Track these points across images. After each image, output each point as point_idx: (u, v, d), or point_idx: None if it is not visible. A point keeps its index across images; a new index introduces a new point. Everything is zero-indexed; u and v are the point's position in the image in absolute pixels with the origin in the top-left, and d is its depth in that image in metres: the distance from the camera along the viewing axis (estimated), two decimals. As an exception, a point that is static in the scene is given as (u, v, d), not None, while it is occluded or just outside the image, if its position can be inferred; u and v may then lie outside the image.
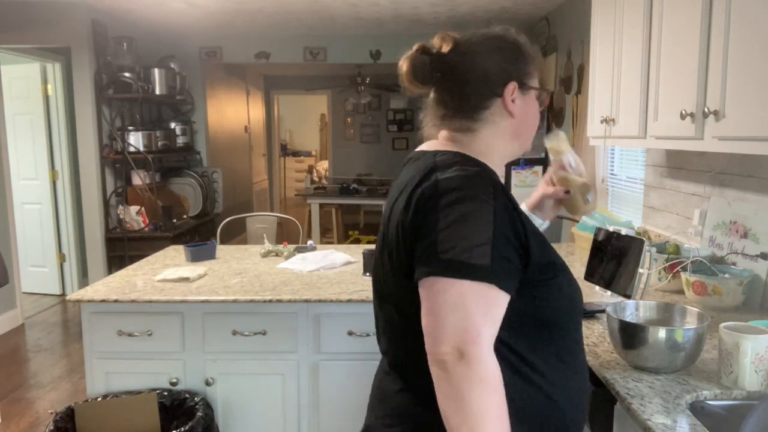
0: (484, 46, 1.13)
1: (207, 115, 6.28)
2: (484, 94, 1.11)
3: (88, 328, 2.18)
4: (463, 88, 1.12)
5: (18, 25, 4.55)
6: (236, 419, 2.22)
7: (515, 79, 1.11)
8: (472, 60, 1.11)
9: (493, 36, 1.15)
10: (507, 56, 1.13)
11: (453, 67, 1.11)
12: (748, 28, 1.40)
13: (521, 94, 1.13)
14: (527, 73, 1.14)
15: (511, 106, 1.12)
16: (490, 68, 1.11)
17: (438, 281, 0.93)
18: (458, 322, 0.90)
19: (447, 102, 1.14)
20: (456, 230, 0.94)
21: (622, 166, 3.43)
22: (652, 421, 1.15)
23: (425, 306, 0.94)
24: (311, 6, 4.68)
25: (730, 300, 1.81)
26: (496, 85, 1.11)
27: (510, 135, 1.15)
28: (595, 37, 2.47)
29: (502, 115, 1.12)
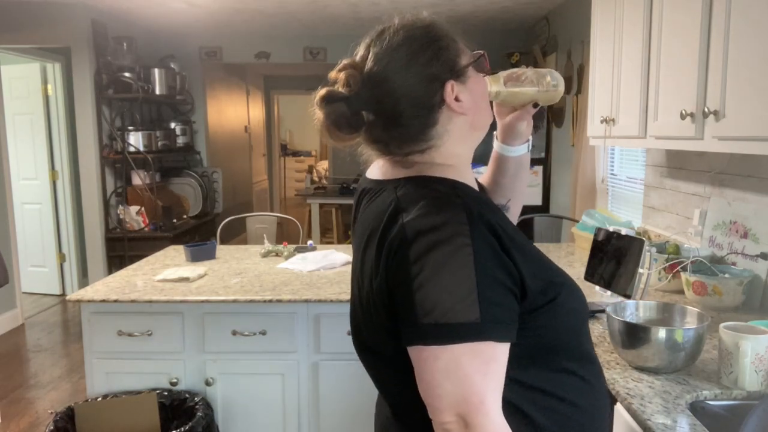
0: (396, 62, 0.95)
1: (207, 115, 6.28)
2: (423, 114, 0.95)
3: (88, 328, 2.18)
4: (398, 121, 0.94)
5: (18, 25, 4.55)
6: (236, 419, 2.22)
7: (450, 77, 0.95)
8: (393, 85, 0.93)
9: (398, 45, 0.97)
10: (426, 58, 0.95)
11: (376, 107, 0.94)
12: (748, 28, 1.40)
13: (460, 84, 0.97)
14: (454, 59, 0.97)
15: (457, 107, 0.96)
16: (417, 85, 0.94)
17: (425, 350, 0.81)
18: (457, 390, 0.79)
19: (386, 141, 0.97)
20: (433, 287, 0.81)
21: (622, 166, 3.43)
22: (652, 421, 1.15)
23: (418, 374, 0.84)
24: (311, 6, 4.68)
25: (730, 300, 1.81)
26: (431, 97, 0.94)
27: (467, 131, 1.00)
28: (595, 37, 2.47)
29: (451, 119, 0.97)
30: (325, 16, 5.08)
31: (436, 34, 0.98)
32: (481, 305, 0.80)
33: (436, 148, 0.97)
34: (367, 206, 1.00)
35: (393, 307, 0.87)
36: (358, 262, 0.98)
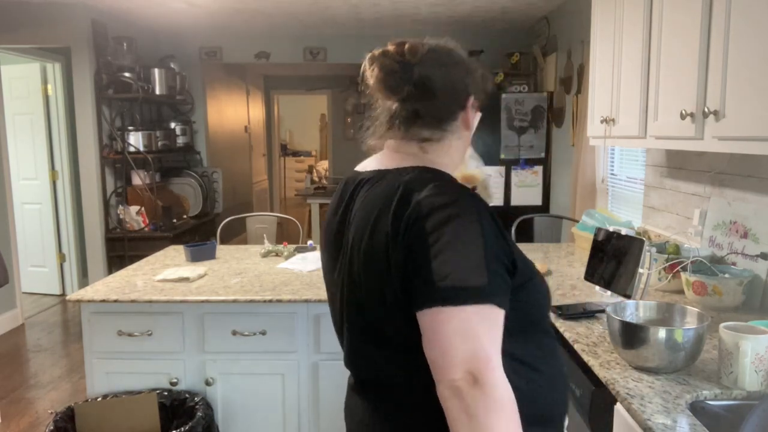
0: (449, 58, 1.12)
1: (207, 115, 6.28)
2: (453, 106, 1.12)
3: (88, 328, 2.18)
4: (434, 99, 1.09)
5: (18, 25, 4.55)
6: (236, 419, 2.22)
7: (472, 93, 1.13)
8: (441, 71, 1.10)
9: (450, 50, 1.14)
10: (464, 70, 1.13)
11: (426, 78, 1.08)
12: (748, 28, 1.40)
13: (474, 110, 1.15)
14: (479, 88, 1.15)
15: (471, 119, 1.14)
16: (456, 81, 1.11)
17: (441, 311, 0.90)
18: (468, 348, 0.88)
19: (418, 112, 1.09)
20: (449, 255, 0.92)
21: (622, 166, 3.43)
22: (652, 421, 1.15)
23: (429, 336, 0.92)
24: (311, 6, 4.68)
25: (730, 300, 1.81)
26: (460, 98, 1.12)
27: (464, 146, 1.17)
28: (595, 37, 2.47)
29: (460, 129, 1.13)
30: (326, 17, 5.08)
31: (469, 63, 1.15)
32: (489, 274, 0.92)
33: (445, 144, 1.11)
34: (369, 192, 1.08)
35: (406, 277, 0.95)
36: (362, 244, 1.04)
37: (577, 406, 1.56)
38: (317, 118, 11.58)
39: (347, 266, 1.08)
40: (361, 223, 1.05)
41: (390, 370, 1.06)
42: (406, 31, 5.75)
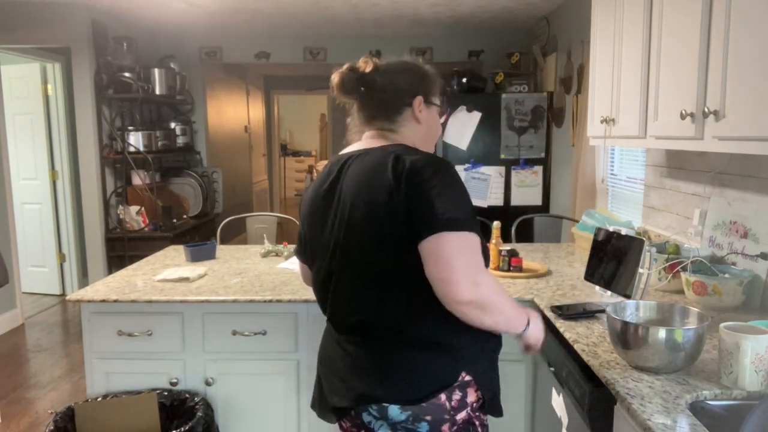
0: (398, 67, 1.48)
1: (207, 115, 6.28)
2: (398, 103, 1.44)
3: (88, 328, 2.18)
4: (382, 97, 1.45)
5: (18, 25, 4.55)
6: (236, 419, 2.22)
7: (421, 94, 1.45)
8: (389, 77, 1.45)
9: (404, 61, 1.50)
10: (415, 77, 1.47)
11: (374, 82, 1.44)
12: (748, 28, 1.40)
13: (426, 107, 1.46)
14: (431, 92, 1.48)
15: (418, 115, 1.45)
16: (402, 84, 1.45)
17: (443, 235, 1.22)
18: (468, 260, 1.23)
19: (369, 108, 1.46)
20: (446, 195, 1.25)
21: (622, 166, 3.43)
22: (652, 421, 1.15)
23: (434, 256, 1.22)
24: (311, 6, 4.68)
25: (730, 300, 1.81)
26: (407, 97, 1.45)
27: (420, 138, 1.47)
28: (595, 37, 2.47)
29: (411, 122, 1.46)
30: (326, 17, 5.08)
31: (429, 73, 1.50)
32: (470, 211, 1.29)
33: (400, 133, 1.45)
34: (359, 163, 1.37)
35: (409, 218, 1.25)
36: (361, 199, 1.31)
37: (577, 406, 1.56)
38: (317, 118, 11.58)
39: (343, 224, 1.34)
40: (358, 185, 1.33)
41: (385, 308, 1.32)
42: (405, 31, 5.76)
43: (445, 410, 1.30)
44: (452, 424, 1.30)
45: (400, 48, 5.90)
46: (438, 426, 1.29)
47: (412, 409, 1.29)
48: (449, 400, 1.30)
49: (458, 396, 1.31)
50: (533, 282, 2.27)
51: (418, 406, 1.29)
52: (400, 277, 1.29)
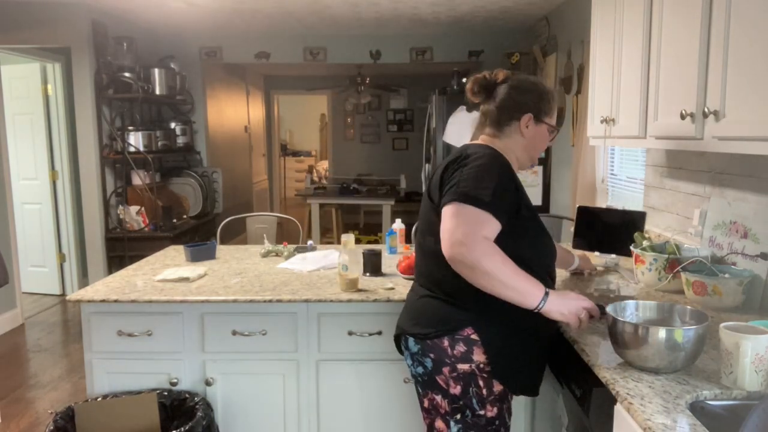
0: (521, 83, 1.70)
1: (207, 115, 6.28)
2: (508, 116, 1.69)
3: (88, 328, 2.18)
4: (500, 106, 1.70)
5: (18, 25, 4.55)
6: (236, 419, 2.22)
7: (532, 112, 1.67)
8: (510, 91, 1.69)
9: (528, 80, 1.73)
10: (532, 96, 1.68)
11: (497, 92, 1.71)
12: (748, 28, 1.40)
13: (534, 124, 1.68)
14: (544, 112, 1.69)
15: (523, 130, 1.68)
16: (518, 100, 1.68)
17: (454, 204, 1.49)
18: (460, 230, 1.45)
19: (487, 113, 1.72)
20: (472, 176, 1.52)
21: (622, 166, 3.43)
22: (652, 421, 1.15)
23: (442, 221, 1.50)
24: (311, 6, 4.68)
25: (730, 300, 1.81)
26: (517, 112, 1.68)
27: (520, 148, 1.71)
28: (595, 37, 2.47)
29: (516, 133, 1.69)
30: (325, 16, 5.08)
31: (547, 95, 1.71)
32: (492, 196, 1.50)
33: (501, 140, 1.70)
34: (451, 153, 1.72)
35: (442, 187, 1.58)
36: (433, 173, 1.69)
37: (577, 406, 1.56)
38: (317, 118, 11.58)
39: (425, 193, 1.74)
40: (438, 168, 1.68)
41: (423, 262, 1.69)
42: (405, 31, 5.75)
43: (447, 354, 1.56)
44: (452, 370, 1.57)
45: (400, 48, 5.90)
46: (439, 366, 1.58)
47: (421, 343, 1.60)
48: (451, 348, 1.56)
49: (462, 348, 1.55)
50: (533, 282, 2.27)
51: (425, 342, 1.59)
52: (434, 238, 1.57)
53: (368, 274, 2.40)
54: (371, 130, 9.30)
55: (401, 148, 9.22)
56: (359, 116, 9.28)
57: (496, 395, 1.59)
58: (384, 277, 2.37)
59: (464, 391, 1.58)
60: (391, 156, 9.20)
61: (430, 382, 1.62)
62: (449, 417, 1.61)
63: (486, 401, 1.58)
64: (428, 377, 1.62)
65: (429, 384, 1.63)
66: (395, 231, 2.86)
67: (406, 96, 9.06)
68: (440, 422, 1.64)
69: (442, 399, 1.61)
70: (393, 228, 2.89)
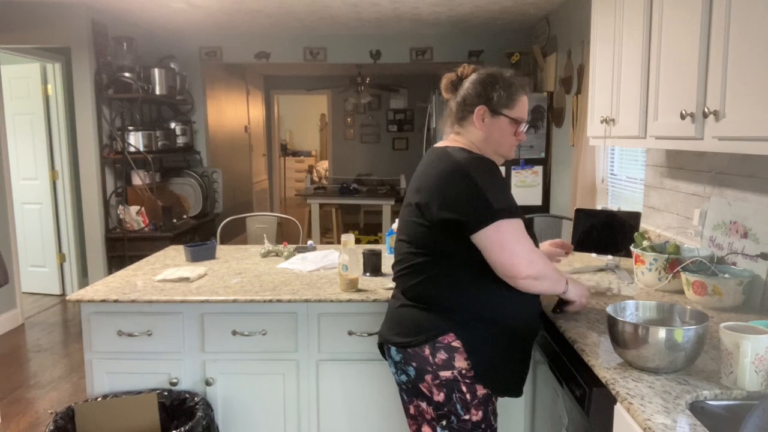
0: (480, 75, 1.67)
1: (207, 115, 6.28)
2: (466, 110, 1.67)
3: (88, 328, 2.18)
4: (460, 101, 1.69)
5: (18, 25, 4.55)
6: (236, 419, 2.22)
7: (484, 104, 1.64)
8: (468, 84, 1.68)
9: (488, 71, 1.68)
10: (486, 87, 1.64)
11: (461, 87, 1.69)
12: (748, 28, 1.40)
13: (491, 116, 1.64)
14: (500, 102, 1.63)
15: (478, 123, 1.65)
16: (472, 93, 1.66)
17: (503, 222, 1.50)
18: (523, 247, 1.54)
19: (451, 110, 1.72)
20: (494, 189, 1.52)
21: (622, 166, 3.43)
22: (652, 421, 1.15)
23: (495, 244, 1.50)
24: (311, 6, 4.68)
25: (730, 300, 1.81)
26: (471, 105, 1.66)
27: (481, 143, 1.66)
28: (595, 37, 2.47)
29: (473, 127, 1.66)
30: (325, 16, 5.08)
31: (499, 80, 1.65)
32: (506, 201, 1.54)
33: (465, 135, 1.68)
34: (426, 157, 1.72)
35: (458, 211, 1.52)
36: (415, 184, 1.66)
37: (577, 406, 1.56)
38: (317, 118, 11.58)
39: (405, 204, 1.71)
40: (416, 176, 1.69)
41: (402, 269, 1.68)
42: (405, 31, 5.75)
43: (428, 363, 1.56)
44: (434, 377, 1.57)
45: (400, 48, 5.90)
46: (422, 374, 1.58)
47: (403, 352, 1.60)
48: (432, 356, 1.56)
49: (443, 356, 1.55)
50: (533, 282, 2.27)
51: (406, 351, 1.59)
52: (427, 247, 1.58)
53: (368, 274, 2.40)
54: (371, 130, 9.31)
55: (401, 148, 9.22)
56: (359, 116, 9.28)
57: (480, 399, 1.59)
58: (384, 277, 2.37)
59: (448, 398, 1.58)
60: (391, 156, 9.20)
61: (414, 389, 1.63)
62: (435, 423, 1.62)
63: (470, 406, 1.58)
64: (412, 385, 1.63)
65: (413, 391, 1.64)
66: (395, 231, 2.86)
67: (406, 96, 9.06)
68: (427, 428, 1.65)
69: (427, 406, 1.62)
70: (393, 228, 2.88)
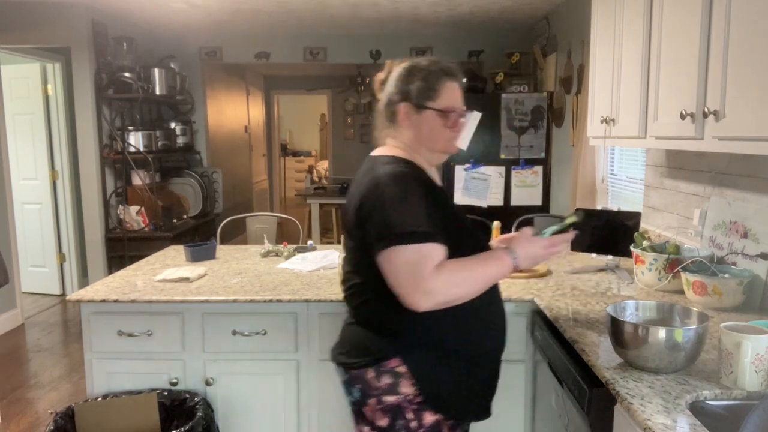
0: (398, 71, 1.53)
1: (207, 115, 6.28)
2: (390, 110, 1.54)
3: (88, 328, 2.18)
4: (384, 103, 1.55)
5: (18, 25, 4.55)
6: (236, 419, 2.22)
7: (408, 100, 1.50)
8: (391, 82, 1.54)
9: (403, 65, 1.54)
10: (404, 81, 1.51)
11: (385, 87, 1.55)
12: (748, 28, 1.40)
13: (416, 112, 1.50)
14: (422, 96, 1.49)
15: (405, 122, 1.52)
16: (392, 90, 1.53)
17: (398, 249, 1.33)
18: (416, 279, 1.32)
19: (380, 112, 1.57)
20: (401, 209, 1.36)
21: (622, 166, 3.43)
22: (652, 421, 1.15)
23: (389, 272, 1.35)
24: (311, 6, 4.68)
25: (730, 300, 1.81)
26: (393, 104, 1.53)
27: (413, 142, 1.53)
28: (595, 37, 2.47)
29: (402, 126, 1.53)
30: (325, 16, 5.08)
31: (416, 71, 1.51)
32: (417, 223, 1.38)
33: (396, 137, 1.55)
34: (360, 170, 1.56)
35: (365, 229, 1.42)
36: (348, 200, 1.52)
37: (577, 406, 1.56)
38: (317, 118, 11.58)
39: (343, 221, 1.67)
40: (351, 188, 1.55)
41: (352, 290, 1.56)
42: (405, 31, 5.75)
43: (372, 386, 1.47)
44: (378, 402, 1.47)
45: (400, 48, 5.89)
46: (366, 397, 1.49)
47: (349, 373, 1.52)
48: (377, 380, 1.46)
49: (388, 380, 1.45)
50: (533, 282, 2.27)
51: (350, 373, 1.51)
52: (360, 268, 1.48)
53: (368, 274, 2.40)
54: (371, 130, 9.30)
55: (401, 148, 9.21)
56: (359, 116, 9.28)
57: (427, 427, 1.46)
58: (384, 277, 2.37)
59: (391, 425, 1.47)
60: (391, 156, 9.19)
61: (359, 412, 1.53)
62: None
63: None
64: (357, 407, 1.54)
65: (358, 414, 1.54)
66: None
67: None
68: None
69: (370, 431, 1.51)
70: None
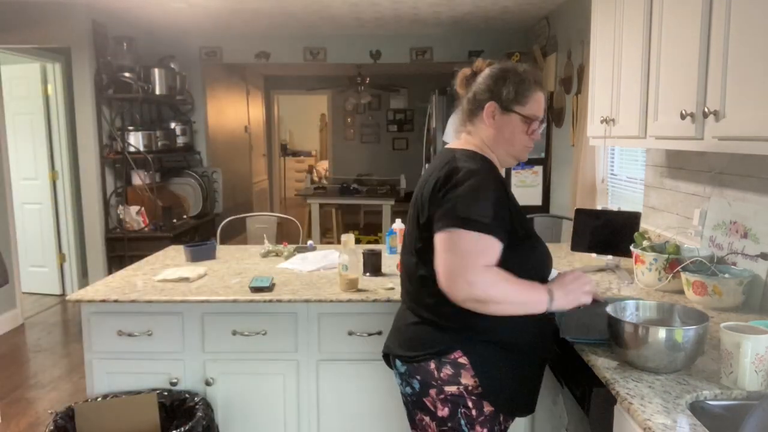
0: (492, 71, 1.57)
1: (207, 115, 6.27)
2: (474, 106, 1.58)
3: (88, 328, 2.18)
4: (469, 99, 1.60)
5: (18, 25, 4.55)
6: (236, 419, 2.22)
7: (496, 101, 1.54)
8: (480, 79, 1.58)
9: (498, 66, 1.58)
10: (497, 82, 1.55)
11: (473, 83, 1.60)
12: (748, 28, 1.40)
13: (501, 113, 1.54)
14: (511, 99, 1.53)
15: (488, 120, 1.55)
16: (482, 88, 1.57)
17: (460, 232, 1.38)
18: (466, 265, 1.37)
19: (462, 107, 1.63)
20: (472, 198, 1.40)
21: (622, 166, 3.43)
22: (652, 421, 1.15)
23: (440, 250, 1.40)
24: (311, 6, 4.68)
25: (730, 300, 1.81)
26: (481, 102, 1.56)
27: (492, 142, 1.57)
28: (595, 37, 2.47)
29: (484, 125, 1.57)
30: (325, 16, 5.08)
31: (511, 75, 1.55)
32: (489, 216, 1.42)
33: (475, 134, 1.59)
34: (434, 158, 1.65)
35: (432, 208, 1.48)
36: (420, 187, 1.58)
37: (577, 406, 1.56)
38: (317, 118, 11.58)
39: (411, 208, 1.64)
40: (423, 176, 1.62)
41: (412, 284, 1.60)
42: (405, 31, 5.75)
43: (433, 377, 1.52)
44: (439, 392, 1.52)
45: (400, 48, 5.89)
46: (426, 388, 1.53)
47: (408, 365, 1.57)
48: (438, 371, 1.51)
49: (449, 371, 1.51)
50: (533, 282, 2.27)
51: (412, 365, 1.56)
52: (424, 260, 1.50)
53: (368, 274, 2.40)
54: (371, 130, 9.30)
55: (401, 148, 9.22)
56: (359, 116, 9.28)
57: (486, 416, 1.53)
58: (384, 277, 2.37)
59: (452, 414, 1.53)
60: (391, 156, 9.19)
61: (419, 402, 1.59)
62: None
63: (475, 423, 1.53)
64: (416, 398, 1.59)
65: (417, 404, 1.60)
66: (395, 231, 2.86)
67: (406, 96, 9.06)
68: None
69: (431, 420, 1.57)
70: (393, 228, 2.89)
